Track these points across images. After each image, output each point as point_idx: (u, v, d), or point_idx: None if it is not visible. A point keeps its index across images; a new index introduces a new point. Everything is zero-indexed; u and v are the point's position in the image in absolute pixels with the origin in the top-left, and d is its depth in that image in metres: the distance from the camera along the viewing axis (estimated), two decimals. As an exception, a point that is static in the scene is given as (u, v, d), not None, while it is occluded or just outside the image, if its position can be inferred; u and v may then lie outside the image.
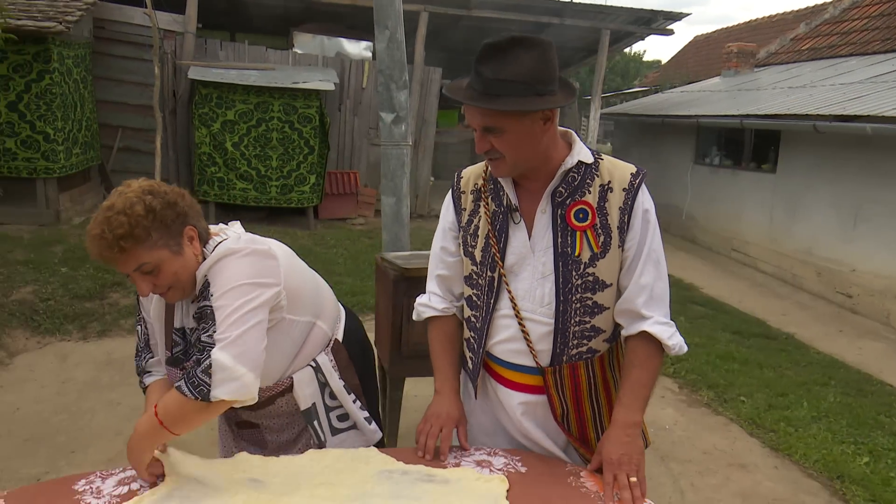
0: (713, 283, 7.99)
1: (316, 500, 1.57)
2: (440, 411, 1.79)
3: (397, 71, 3.58)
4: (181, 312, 1.78)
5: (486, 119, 1.55)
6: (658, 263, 1.67)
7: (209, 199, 8.90)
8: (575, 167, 1.65)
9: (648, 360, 1.68)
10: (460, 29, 11.23)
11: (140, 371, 1.87)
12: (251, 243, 1.72)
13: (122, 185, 1.67)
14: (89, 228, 1.59)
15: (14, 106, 7.47)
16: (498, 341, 1.76)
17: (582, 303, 1.66)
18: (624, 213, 1.63)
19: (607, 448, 1.65)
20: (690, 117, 9.99)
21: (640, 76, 31.34)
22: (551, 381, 1.72)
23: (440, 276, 1.87)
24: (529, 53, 1.50)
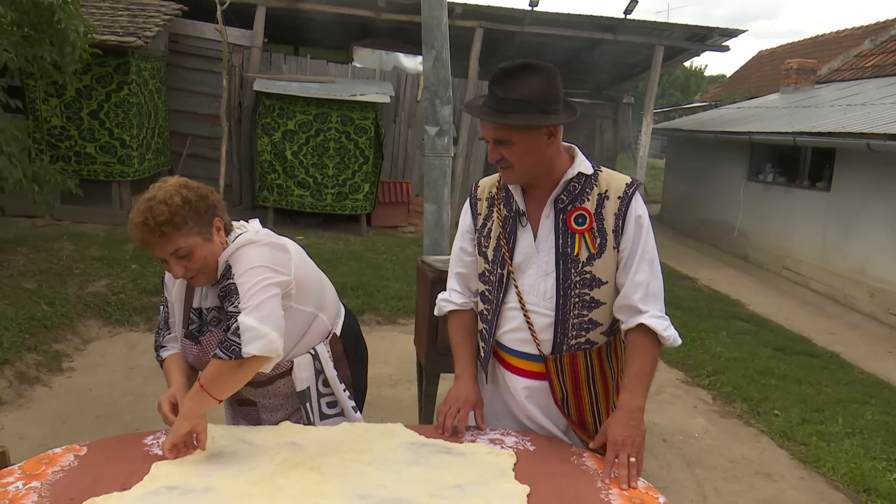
0: (761, 301, 7.95)
1: (346, 462, 1.81)
2: (459, 395, 2.01)
3: (442, 88, 3.85)
4: (200, 295, 2.01)
5: (498, 132, 1.78)
6: (652, 263, 1.86)
7: (268, 204, 9.36)
8: (576, 177, 1.86)
9: (647, 351, 1.87)
10: (514, 44, 11.45)
11: (157, 346, 2.10)
12: (268, 237, 1.96)
13: (159, 181, 1.90)
14: (132, 217, 1.81)
15: (95, 114, 8.07)
16: (506, 331, 1.97)
17: (580, 297, 1.87)
18: (619, 219, 1.84)
19: (612, 429, 1.82)
20: (743, 134, 9.95)
21: (700, 91, 30.94)
22: (552, 367, 1.92)
23: (459, 273, 2.10)
24: (536, 77, 1.75)
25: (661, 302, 1.88)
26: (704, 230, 11.79)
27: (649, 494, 1.72)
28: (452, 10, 9.90)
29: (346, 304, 6.38)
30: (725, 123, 11.47)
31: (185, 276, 1.89)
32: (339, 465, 1.77)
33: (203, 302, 2.01)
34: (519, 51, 11.55)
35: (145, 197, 1.83)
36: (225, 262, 1.90)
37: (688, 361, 5.44)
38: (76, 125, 8.08)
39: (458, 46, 10.56)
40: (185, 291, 2.03)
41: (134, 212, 1.82)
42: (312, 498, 1.61)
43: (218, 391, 1.80)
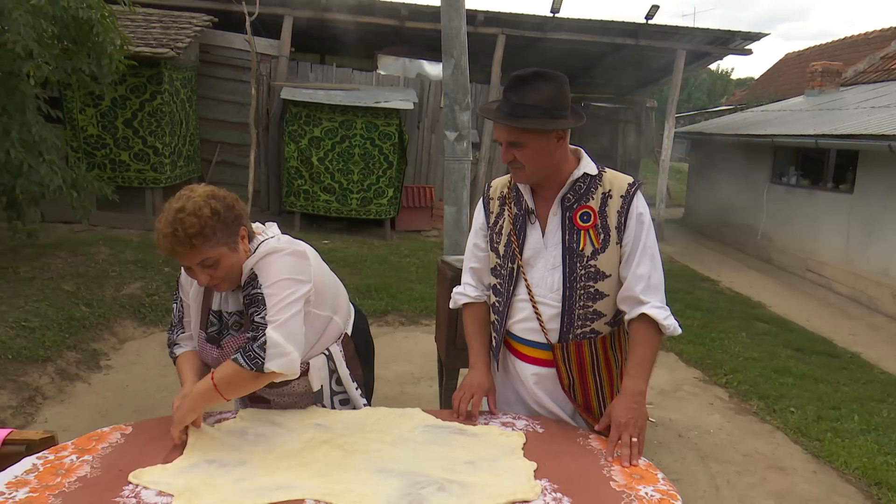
0: (783, 302, 7.96)
1: (368, 441, 1.96)
2: (473, 381, 2.15)
3: (461, 94, 4.01)
4: (219, 297, 2.06)
5: (511, 135, 1.92)
6: (653, 257, 1.99)
7: (295, 209, 9.59)
8: (581, 178, 2.00)
9: (649, 339, 2.00)
10: (536, 51, 11.58)
11: (171, 343, 2.14)
12: (290, 244, 2.01)
13: (185, 189, 1.91)
14: (160, 227, 1.82)
15: (129, 123, 8.38)
16: (516, 321, 2.11)
17: (585, 290, 2.00)
18: (621, 216, 1.98)
19: (616, 411, 1.95)
20: (766, 137, 9.95)
21: (727, 94, 30.72)
22: (559, 355, 2.06)
23: (473, 268, 2.25)
24: (548, 85, 1.89)
25: (662, 293, 2.01)
26: (728, 233, 11.78)
27: (649, 471, 1.84)
28: (474, 18, 10.07)
29: (370, 305, 6.54)
30: (748, 126, 11.46)
31: (209, 283, 1.92)
32: (362, 444, 1.92)
33: (224, 305, 2.06)
34: (541, 57, 11.67)
35: (173, 207, 1.84)
36: (250, 269, 1.94)
37: (706, 361, 5.51)
38: (111, 134, 8.40)
39: (481, 53, 10.76)
40: (202, 293, 2.07)
41: (162, 222, 1.83)
42: (336, 471, 1.76)
43: (230, 393, 1.89)
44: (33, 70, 5.53)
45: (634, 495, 1.70)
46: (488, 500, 1.64)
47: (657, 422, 4.35)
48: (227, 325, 2.05)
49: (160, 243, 1.85)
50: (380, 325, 6.05)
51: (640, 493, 1.71)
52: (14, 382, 4.28)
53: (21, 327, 4.89)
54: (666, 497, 1.70)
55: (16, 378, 4.33)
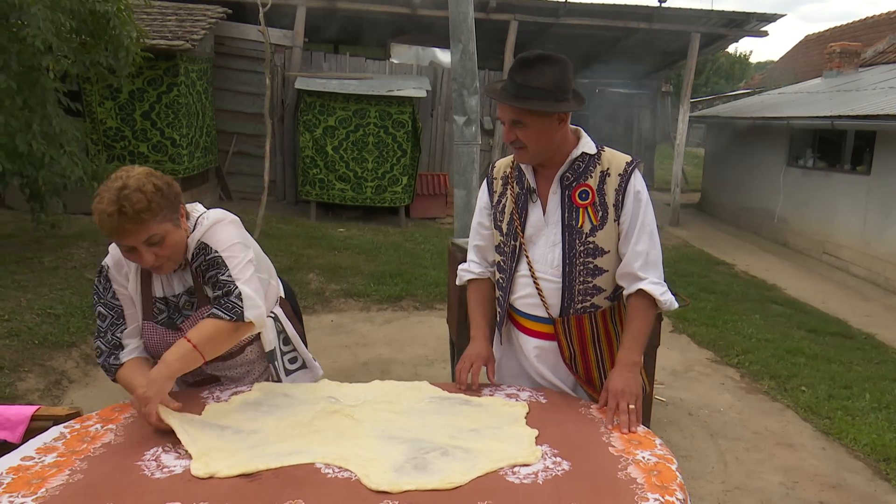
0: (798, 285, 7.94)
1: (377, 411, 2.04)
2: (472, 352, 2.22)
3: (469, 79, 4.06)
4: (160, 284, 2.03)
5: (515, 115, 1.98)
6: (651, 235, 2.05)
7: (311, 198, 9.70)
8: (580, 157, 2.06)
9: (645, 313, 2.06)
10: (549, 36, 11.56)
11: (111, 347, 1.99)
12: (227, 214, 2.08)
13: (120, 171, 1.87)
14: (103, 207, 1.77)
15: (147, 115, 8.52)
16: (519, 296, 2.18)
17: (585, 266, 2.07)
18: (619, 194, 2.03)
19: (612, 380, 2.02)
20: (781, 119, 9.88)
21: (745, 78, 30.34)
22: (560, 329, 2.13)
23: (477, 245, 2.32)
24: (552, 67, 1.95)
25: (660, 270, 2.07)
26: (744, 217, 11.71)
27: (647, 438, 1.91)
28: (486, 4, 10.08)
29: (385, 291, 6.66)
30: (764, 109, 11.37)
31: (153, 263, 1.88)
32: (371, 413, 2.00)
33: (166, 290, 2.04)
34: (554, 43, 11.65)
35: (114, 186, 1.80)
36: (197, 241, 1.98)
37: (718, 342, 5.54)
38: (130, 126, 8.55)
39: (493, 40, 10.77)
40: (140, 284, 2.02)
41: (105, 202, 1.78)
42: (345, 437, 1.84)
43: (210, 351, 1.91)
44: (53, 64, 5.67)
45: (631, 459, 1.76)
46: (490, 463, 1.71)
47: (667, 401, 4.40)
48: (177, 307, 2.05)
49: (104, 224, 1.79)
50: (394, 310, 6.14)
51: (637, 457, 1.77)
52: (41, 366, 4.42)
53: (46, 314, 5.04)
54: (662, 461, 1.76)
55: (42, 362, 4.47)
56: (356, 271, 7.08)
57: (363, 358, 4.99)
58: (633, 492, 1.58)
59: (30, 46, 5.44)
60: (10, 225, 7.66)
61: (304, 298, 6.23)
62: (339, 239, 8.55)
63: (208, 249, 1.98)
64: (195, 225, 2.02)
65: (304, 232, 8.72)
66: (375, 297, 6.34)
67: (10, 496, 1.49)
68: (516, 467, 1.69)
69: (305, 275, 6.88)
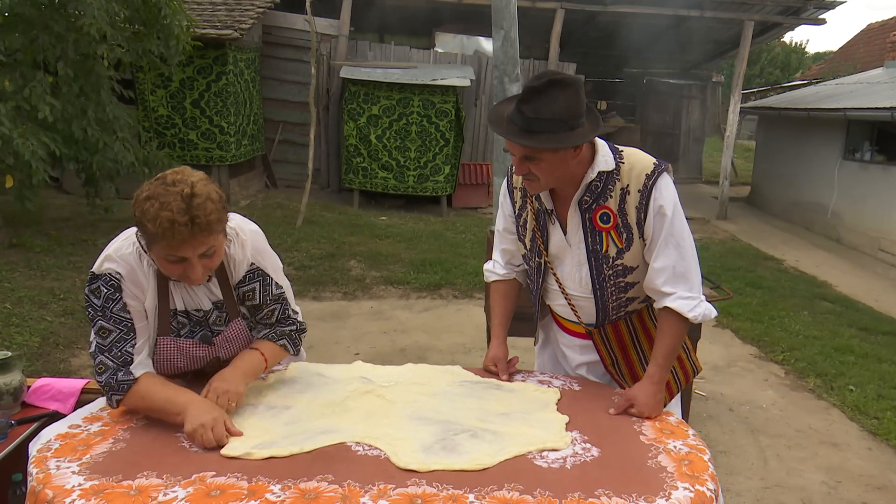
0: (850, 282, 7.69)
1: (409, 393, 2.06)
2: (489, 355, 2.25)
3: (510, 66, 4.04)
4: (181, 296, 1.88)
5: (526, 150, 1.82)
6: (679, 245, 1.89)
7: (354, 186, 9.80)
8: (596, 178, 1.90)
9: (674, 329, 1.95)
10: (596, 25, 11.39)
11: (121, 362, 1.77)
12: (252, 223, 2.01)
13: (174, 174, 1.71)
14: (171, 216, 1.60)
15: (197, 103, 8.72)
16: (552, 303, 2.17)
17: (616, 285, 2.00)
18: (640, 212, 1.89)
19: (638, 394, 1.93)
20: (837, 111, 9.55)
21: (801, 69, 29.38)
22: (598, 339, 2.10)
23: (504, 249, 2.26)
24: (565, 93, 1.76)
25: (692, 280, 1.92)
26: (796, 212, 11.38)
27: (679, 428, 1.89)
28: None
29: (424, 279, 6.72)
30: (820, 101, 11.01)
31: (201, 277, 1.75)
32: (403, 395, 2.03)
33: (188, 303, 1.90)
34: (601, 31, 11.49)
35: (175, 191, 1.64)
36: (249, 263, 1.92)
37: (763, 338, 5.41)
38: (180, 114, 8.76)
39: (539, 28, 10.67)
40: (157, 297, 1.85)
41: (171, 209, 1.61)
42: (376, 417, 1.87)
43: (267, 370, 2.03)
44: (107, 52, 5.85)
45: (663, 448, 1.74)
46: (519, 447, 1.71)
47: (707, 395, 4.33)
48: (203, 322, 1.93)
49: (171, 233, 1.61)
50: (433, 298, 6.18)
51: (668, 446, 1.76)
52: (92, 344, 4.59)
53: (98, 294, 5.21)
54: (694, 451, 1.74)
55: (94, 340, 4.64)
56: (397, 259, 7.14)
57: (401, 344, 5.04)
58: (663, 480, 1.57)
59: (86, 35, 5.63)
60: (66, 209, 7.95)
61: (344, 285, 6.31)
62: (381, 227, 8.62)
63: (267, 279, 1.95)
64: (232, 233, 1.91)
65: (346, 220, 8.82)
66: (415, 285, 6.39)
67: (58, 460, 1.56)
68: (545, 452, 1.69)
69: (347, 262, 6.97)
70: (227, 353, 1.96)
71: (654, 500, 1.47)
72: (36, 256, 6.11)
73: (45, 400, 2.35)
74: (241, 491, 1.46)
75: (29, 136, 5.40)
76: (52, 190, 8.40)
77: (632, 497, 1.48)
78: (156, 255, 1.72)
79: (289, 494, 1.45)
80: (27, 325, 4.68)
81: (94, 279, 1.79)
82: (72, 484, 1.46)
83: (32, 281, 5.52)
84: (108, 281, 1.78)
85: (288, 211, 8.90)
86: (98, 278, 1.79)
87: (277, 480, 1.50)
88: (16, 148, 5.28)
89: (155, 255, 1.73)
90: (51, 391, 2.36)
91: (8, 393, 2.25)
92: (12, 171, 5.61)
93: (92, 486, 1.45)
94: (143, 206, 1.65)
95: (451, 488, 1.50)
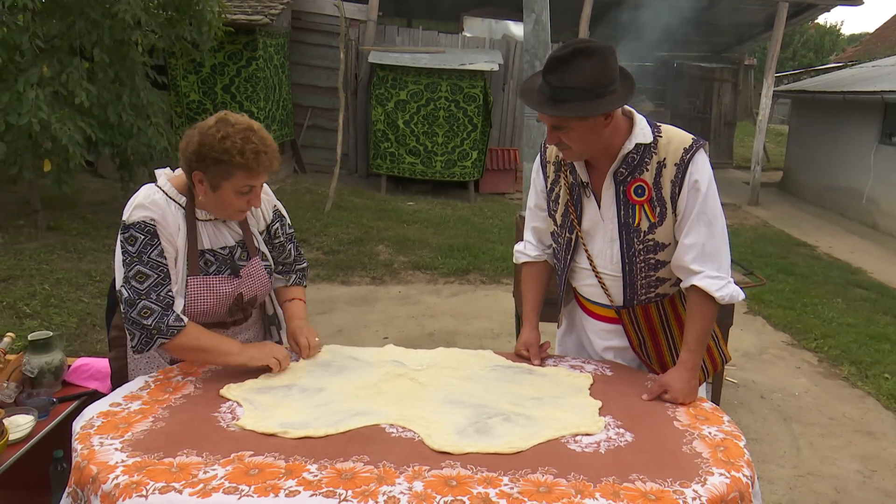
0: (887, 269, 7.53)
1: (441, 376, 2.07)
2: (522, 339, 2.24)
3: (542, 50, 4.00)
4: (207, 236, 2.00)
5: (555, 119, 1.81)
6: (710, 224, 1.87)
7: (381, 171, 9.82)
8: (634, 149, 1.89)
9: (703, 310, 1.92)
10: (626, 7, 11.21)
11: (165, 305, 1.86)
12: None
13: (217, 117, 1.88)
14: (255, 148, 1.82)
15: (228, 88, 8.79)
16: (581, 284, 2.15)
17: (646, 262, 1.98)
18: (675, 186, 1.87)
19: (672, 381, 1.91)
20: (875, 93, 9.31)
21: (836, 51, 28.67)
22: (627, 319, 2.08)
23: (535, 227, 2.25)
24: (590, 61, 1.74)
25: (721, 259, 1.90)
26: (829, 197, 11.15)
27: (714, 414, 1.87)
28: (562, -25, 9.85)
29: (452, 264, 6.75)
30: (855, 83, 10.73)
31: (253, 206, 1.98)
32: (436, 378, 2.04)
33: (214, 242, 2.02)
34: (631, 14, 11.29)
35: (241, 128, 1.84)
36: (274, 206, 2.18)
37: (796, 325, 5.34)
38: (211, 99, 8.85)
39: (569, 11, 10.53)
40: (187, 237, 1.95)
41: (250, 140, 1.83)
42: (409, 400, 1.89)
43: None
44: (141, 38, 5.92)
45: (697, 434, 1.73)
46: (552, 431, 1.71)
47: (738, 382, 4.29)
48: (228, 260, 2.03)
49: (255, 162, 1.83)
50: (461, 283, 6.19)
51: (703, 432, 1.74)
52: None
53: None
54: (729, 437, 1.73)
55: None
56: (424, 244, 7.15)
57: (429, 329, 5.06)
58: (698, 466, 1.56)
59: (120, 21, 5.70)
60: (101, 192, 8.10)
61: (373, 269, 6.35)
62: (409, 212, 8.64)
63: (284, 220, 2.20)
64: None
65: (374, 205, 8.85)
66: (443, 270, 6.40)
67: (101, 437, 1.60)
68: (578, 436, 1.69)
69: (375, 246, 7.01)
70: (248, 289, 2.07)
71: (689, 486, 1.47)
72: (73, 239, 6.24)
73: (84, 379, 2.41)
74: (279, 470, 1.48)
75: (66, 121, 5.50)
76: (86, 174, 8.56)
77: (667, 482, 1.48)
78: (229, 190, 1.88)
79: (325, 474, 1.47)
80: (65, 306, 4.79)
81: (127, 228, 1.87)
82: (115, 460, 1.50)
83: (69, 263, 5.64)
84: (143, 228, 1.87)
85: (316, 196, 8.96)
86: (131, 227, 1.87)
87: (314, 460, 1.53)
88: (54, 133, 5.38)
89: (227, 191, 1.88)
90: (90, 370, 2.42)
91: (49, 372, 2.32)
92: (50, 155, 5.72)
93: (135, 463, 1.49)
94: (223, 144, 1.81)
95: (486, 471, 1.50)
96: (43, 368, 2.30)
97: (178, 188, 1.98)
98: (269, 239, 2.18)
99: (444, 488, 1.43)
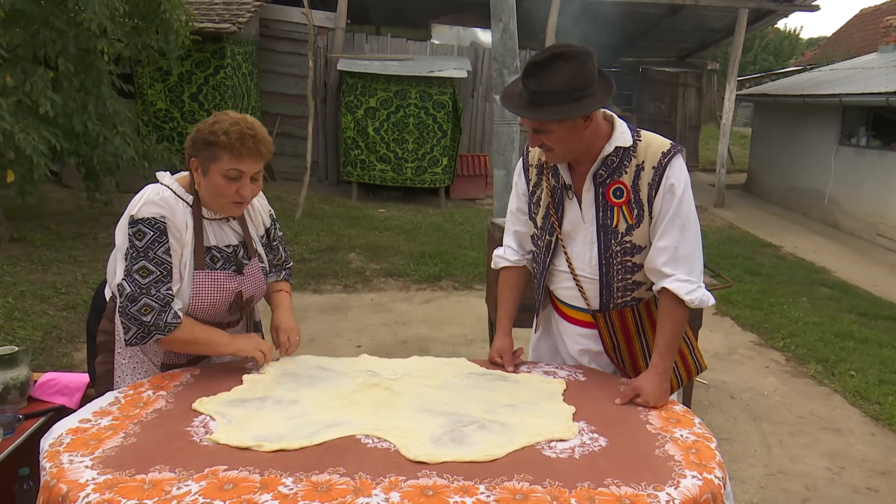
0: (849, 268, 7.73)
1: (416, 385, 2.07)
2: (495, 346, 2.25)
3: (509, 58, 4.04)
4: (213, 234, 2.04)
5: (535, 123, 1.85)
6: (683, 228, 1.91)
7: (352, 179, 9.79)
8: (613, 152, 1.93)
9: (674, 314, 1.95)
10: (592, 15, 11.34)
11: (163, 302, 1.89)
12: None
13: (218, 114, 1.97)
14: (240, 130, 1.88)
15: (195, 97, 8.70)
16: (558, 287, 2.16)
17: (623, 265, 2.01)
18: (652, 188, 1.91)
19: (644, 385, 1.93)
20: (833, 96, 9.56)
21: (795, 55, 29.35)
22: (602, 323, 2.10)
23: (516, 231, 2.26)
24: (568, 65, 1.78)
25: (693, 264, 1.94)
26: (793, 198, 11.41)
27: (686, 416, 1.90)
28: (529, -17, 9.95)
29: (424, 271, 6.73)
30: (815, 87, 11.01)
31: (247, 199, 1.97)
32: (410, 387, 2.04)
33: (219, 240, 2.06)
34: (598, 21, 11.43)
35: (238, 117, 1.93)
36: (268, 209, 2.29)
37: (763, 325, 5.44)
38: (178, 107, 8.75)
39: (536, 20, 10.63)
40: (194, 235, 1.99)
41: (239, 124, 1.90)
42: (384, 409, 1.88)
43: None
44: (107, 47, 5.83)
45: (669, 437, 1.76)
46: (526, 438, 1.72)
47: (708, 383, 4.36)
48: (232, 258, 2.07)
49: (239, 142, 1.87)
50: (433, 289, 6.19)
51: (675, 434, 1.77)
52: (95, 339, 4.59)
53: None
54: (701, 439, 1.76)
55: (96, 336, 4.64)
56: (396, 251, 7.15)
57: (402, 336, 5.05)
58: (671, 469, 1.58)
59: (86, 30, 5.61)
60: (66, 202, 7.94)
61: (344, 277, 6.32)
62: (380, 219, 8.62)
63: (276, 223, 2.32)
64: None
65: (345, 212, 8.82)
66: (415, 277, 6.40)
67: (70, 454, 1.57)
68: (553, 442, 1.70)
69: (346, 254, 6.98)
70: (248, 288, 2.12)
71: (662, 489, 1.49)
72: (37, 250, 6.11)
73: (51, 394, 2.36)
74: (253, 484, 1.47)
75: (30, 131, 5.39)
76: (51, 184, 8.38)
77: (641, 485, 1.50)
78: (216, 174, 1.91)
79: (301, 487, 1.46)
80: (29, 319, 4.69)
81: (136, 223, 1.89)
82: (85, 478, 1.47)
83: (34, 275, 5.52)
84: (153, 224, 1.90)
85: (286, 204, 8.90)
86: (140, 222, 1.89)
87: (289, 473, 1.51)
88: (17, 143, 5.27)
89: (214, 174, 1.92)
90: (57, 386, 2.37)
91: (15, 388, 2.26)
92: (13, 165, 5.60)
93: (105, 481, 1.46)
94: (212, 127, 1.90)
95: (462, 479, 1.51)
96: (8, 384, 2.24)
97: (185, 187, 2.03)
98: (268, 242, 2.30)
99: (420, 498, 1.43)
